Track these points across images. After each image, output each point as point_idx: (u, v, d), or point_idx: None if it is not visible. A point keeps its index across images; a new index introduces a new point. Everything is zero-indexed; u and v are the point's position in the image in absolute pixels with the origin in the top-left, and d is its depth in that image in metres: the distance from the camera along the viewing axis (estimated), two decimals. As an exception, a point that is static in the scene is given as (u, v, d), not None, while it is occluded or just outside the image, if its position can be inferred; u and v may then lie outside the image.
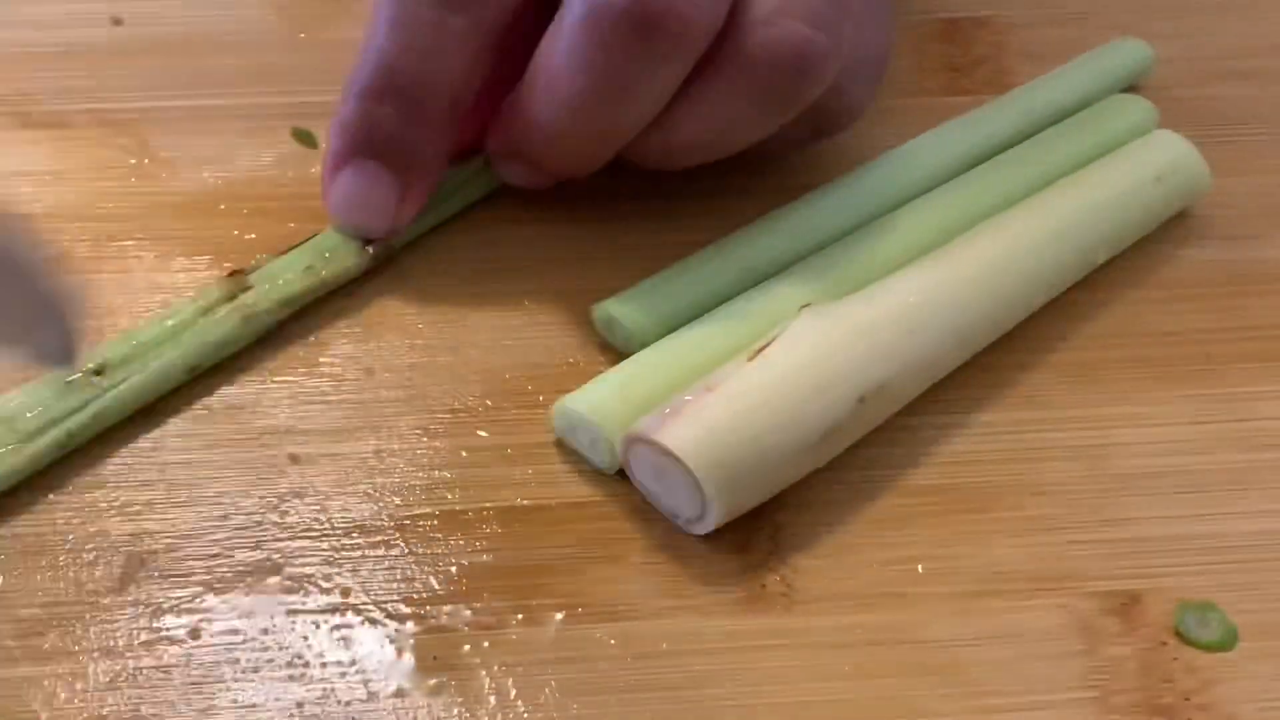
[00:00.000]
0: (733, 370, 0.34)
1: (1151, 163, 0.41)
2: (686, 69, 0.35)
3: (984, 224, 0.39)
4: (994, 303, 0.37)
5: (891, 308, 0.35)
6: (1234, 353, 0.39)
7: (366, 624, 0.32)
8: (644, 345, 0.36)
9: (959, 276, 0.37)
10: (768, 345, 0.34)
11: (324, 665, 0.32)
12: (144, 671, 0.31)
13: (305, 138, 0.42)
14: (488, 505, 0.34)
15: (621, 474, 0.35)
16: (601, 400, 0.35)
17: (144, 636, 0.32)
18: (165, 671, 0.31)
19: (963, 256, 0.37)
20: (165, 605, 0.32)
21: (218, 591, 0.33)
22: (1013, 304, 0.38)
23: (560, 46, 0.35)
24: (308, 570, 0.33)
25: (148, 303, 0.38)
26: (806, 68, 0.35)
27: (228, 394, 0.36)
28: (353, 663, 0.32)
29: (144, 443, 0.35)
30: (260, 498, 0.34)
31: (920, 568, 0.34)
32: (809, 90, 0.35)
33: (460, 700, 0.31)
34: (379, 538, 0.34)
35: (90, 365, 0.34)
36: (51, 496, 0.34)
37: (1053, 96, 0.43)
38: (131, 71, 0.44)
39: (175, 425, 0.35)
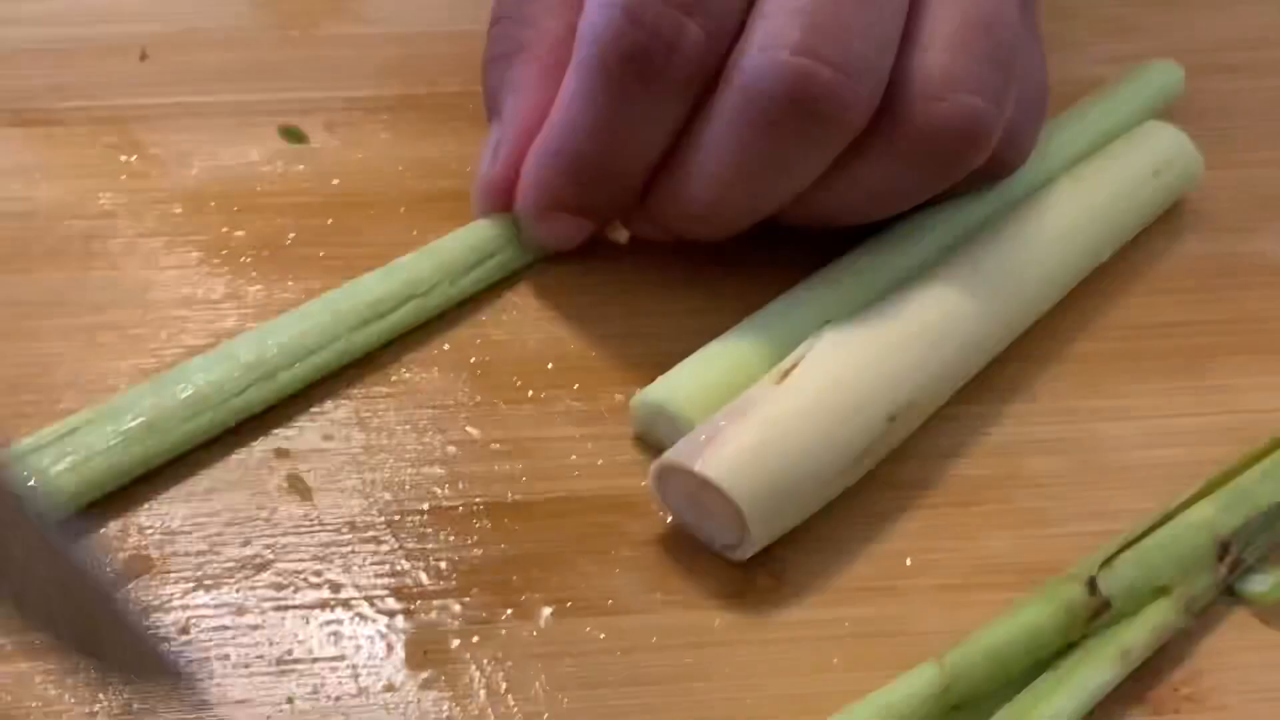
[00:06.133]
0: (763, 394, 0.34)
1: (1149, 156, 0.41)
2: (843, 146, 0.35)
3: (993, 227, 0.39)
4: (1012, 307, 0.37)
5: (914, 322, 0.35)
6: (1224, 345, 0.39)
7: (356, 619, 0.32)
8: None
9: (976, 284, 0.37)
10: (794, 367, 0.34)
11: (314, 660, 0.32)
12: (134, 667, 0.31)
13: (294, 134, 0.42)
14: (477, 500, 0.34)
15: (619, 467, 0.35)
16: (684, 389, 0.35)
17: (134, 633, 0.32)
18: (155, 667, 0.31)
19: (977, 264, 0.37)
20: (155, 602, 0.32)
21: (207, 588, 0.33)
22: (1028, 306, 0.38)
23: (717, 126, 0.35)
24: (297, 566, 0.33)
25: (139, 300, 0.38)
26: (976, 139, 0.35)
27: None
28: (343, 658, 0.32)
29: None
30: (249, 494, 0.34)
31: (909, 560, 0.34)
32: (976, 159, 0.35)
33: (450, 695, 0.31)
34: (369, 533, 0.34)
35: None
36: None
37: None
38: (121, 69, 0.44)
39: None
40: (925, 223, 0.39)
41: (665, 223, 0.38)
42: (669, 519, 0.34)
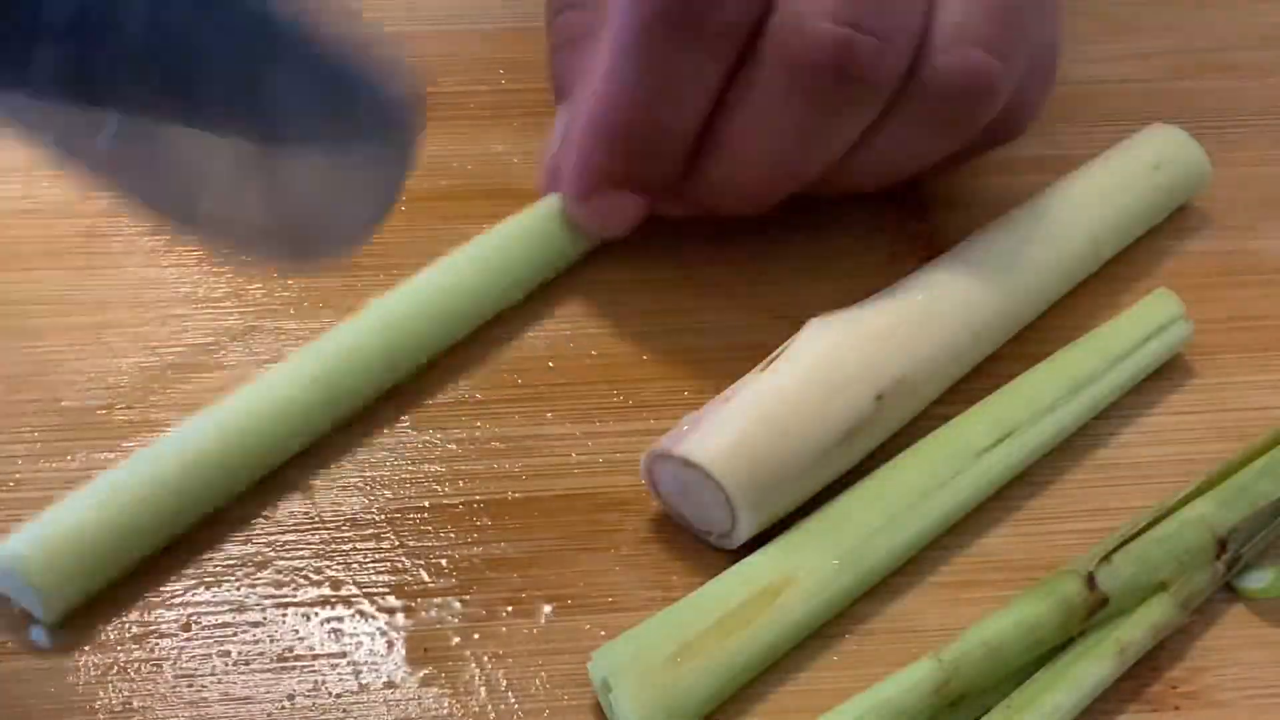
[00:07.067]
0: (748, 380, 0.34)
1: (1149, 151, 0.41)
2: (880, 108, 0.35)
3: (990, 223, 0.39)
4: (1005, 295, 0.37)
5: (900, 310, 0.36)
6: (1224, 343, 0.39)
7: (357, 616, 0.32)
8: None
9: (968, 272, 0.37)
10: (779, 355, 0.34)
11: (315, 658, 0.32)
12: (135, 665, 0.31)
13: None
14: (478, 498, 0.35)
15: (618, 465, 0.35)
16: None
17: (135, 630, 0.32)
18: (156, 665, 0.31)
19: (970, 253, 0.37)
20: (156, 599, 0.32)
21: (209, 585, 0.33)
22: (1027, 295, 0.38)
23: (759, 98, 0.35)
24: (298, 563, 0.33)
25: (140, 298, 0.38)
26: (981, 94, 0.35)
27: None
28: (343, 655, 0.32)
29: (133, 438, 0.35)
30: (249, 491, 0.34)
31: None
32: (984, 114, 0.36)
33: (450, 692, 0.31)
34: (369, 531, 0.34)
35: None
36: (42, 491, 0.34)
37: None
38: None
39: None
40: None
41: (704, 199, 0.38)
42: (665, 512, 0.34)
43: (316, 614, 0.32)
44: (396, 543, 0.34)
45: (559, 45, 0.40)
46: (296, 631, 0.32)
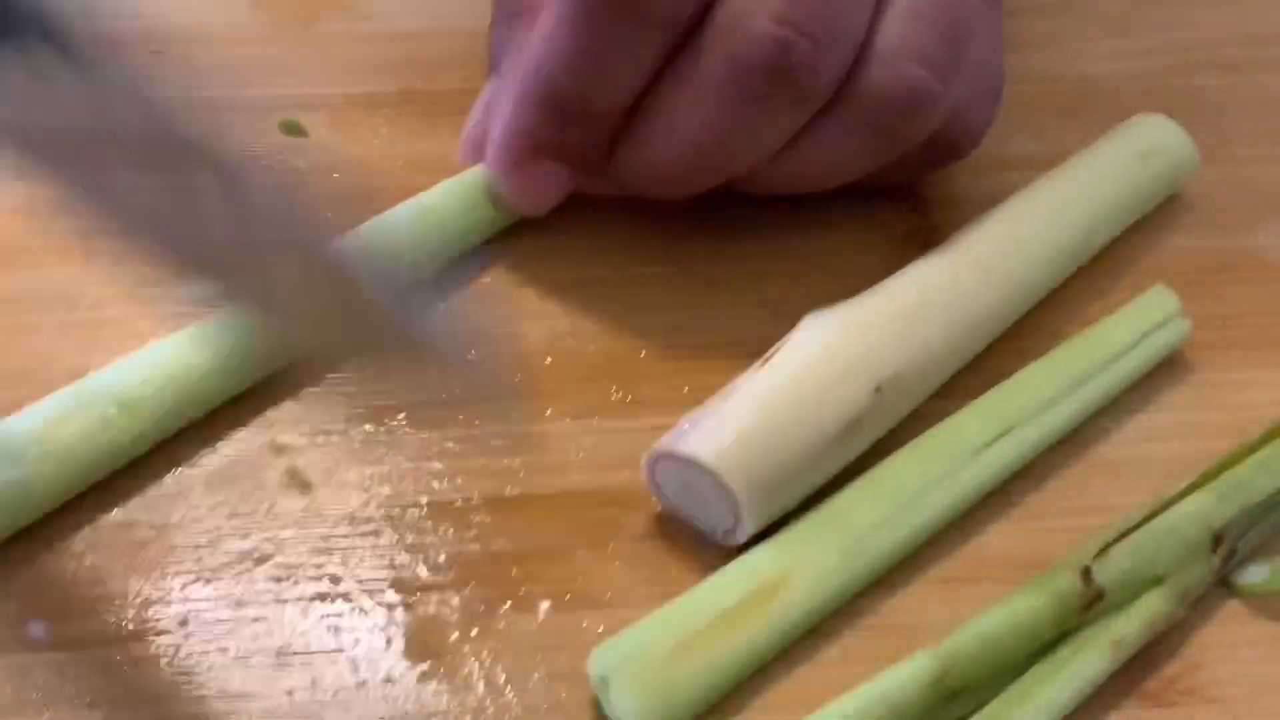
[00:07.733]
0: (746, 377, 0.34)
1: (1136, 141, 0.41)
2: (809, 115, 0.35)
3: (980, 216, 0.39)
4: (1000, 287, 0.37)
5: (895, 302, 0.36)
6: (1218, 340, 0.39)
7: (356, 612, 0.32)
8: None
9: (960, 266, 0.37)
10: (777, 352, 0.34)
11: (313, 653, 0.32)
12: (134, 661, 0.31)
13: (294, 129, 0.42)
14: (475, 494, 0.35)
15: (617, 461, 0.35)
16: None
17: (133, 626, 0.32)
18: (154, 661, 0.31)
19: (961, 247, 0.38)
20: (155, 595, 0.32)
21: (207, 580, 0.33)
22: (1021, 286, 0.38)
23: (691, 87, 0.35)
24: (297, 559, 0.33)
25: (139, 294, 0.38)
26: (915, 109, 0.35)
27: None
28: (342, 650, 0.32)
29: (133, 434, 0.35)
30: (249, 488, 0.34)
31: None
32: (918, 130, 0.36)
33: (449, 687, 0.31)
34: (368, 527, 0.34)
35: None
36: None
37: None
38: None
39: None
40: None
41: (627, 179, 0.38)
42: (667, 511, 0.34)
43: (315, 609, 0.32)
44: (395, 539, 0.34)
45: (497, 20, 0.40)
46: (295, 627, 0.32)
